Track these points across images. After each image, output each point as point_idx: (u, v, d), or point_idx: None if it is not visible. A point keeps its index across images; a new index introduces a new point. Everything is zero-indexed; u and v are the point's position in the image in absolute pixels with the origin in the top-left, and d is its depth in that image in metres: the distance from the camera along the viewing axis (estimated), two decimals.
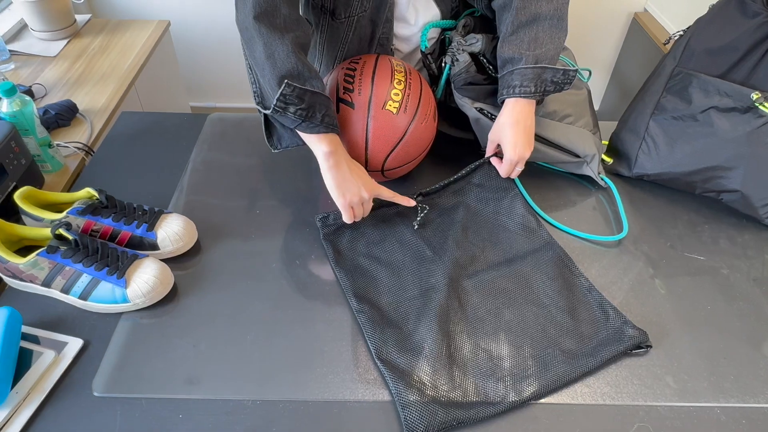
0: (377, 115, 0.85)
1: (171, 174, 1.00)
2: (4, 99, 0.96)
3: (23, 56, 1.57)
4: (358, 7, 0.91)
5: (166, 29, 1.83)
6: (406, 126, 0.87)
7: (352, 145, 0.87)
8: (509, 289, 0.80)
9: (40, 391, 0.67)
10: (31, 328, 0.74)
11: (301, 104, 0.77)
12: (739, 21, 0.86)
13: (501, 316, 0.76)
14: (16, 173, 0.94)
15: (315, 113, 0.79)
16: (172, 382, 0.69)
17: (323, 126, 0.80)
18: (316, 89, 0.78)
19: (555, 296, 0.79)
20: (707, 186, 0.94)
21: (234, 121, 1.14)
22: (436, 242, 0.86)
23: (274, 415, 0.66)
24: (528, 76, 0.84)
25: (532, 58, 0.84)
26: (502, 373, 0.70)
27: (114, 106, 1.39)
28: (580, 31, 2.24)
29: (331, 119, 0.81)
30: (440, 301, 0.76)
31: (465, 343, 0.73)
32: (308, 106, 0.78)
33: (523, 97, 0.85)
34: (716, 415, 0.68)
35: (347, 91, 0.87)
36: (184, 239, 0.84)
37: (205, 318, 0.77)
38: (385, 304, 0.78)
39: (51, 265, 0.75)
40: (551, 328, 0.75)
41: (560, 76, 0.85)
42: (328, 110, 0.80)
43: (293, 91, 0.76)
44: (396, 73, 0.88)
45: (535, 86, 0.85)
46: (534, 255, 0.84)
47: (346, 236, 0.88)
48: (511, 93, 0.86)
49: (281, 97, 0.77)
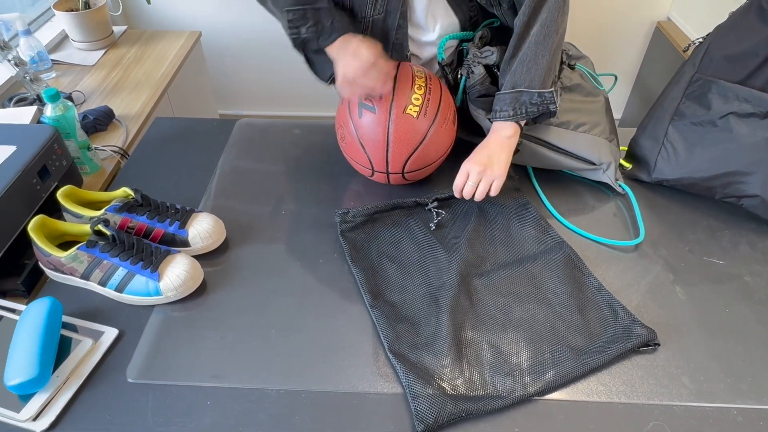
0: (398, 119, 0.88)
1: (201, 176, 1.05)
2: (48, 104, 1.02)
3: (64, 65, 1.66)
4: (372, 10, 0.95)
5: (197, 40, 1.90)
6: (426, 129, 0.90)
7: (373, 148, 0.91)
8: (519, 288, 0.82)
9: (79, 376, 0.71)
10: (71, 318, 0.78)
11: (307, 22, 0.87)
12: (758, 28, 0.86)
13: (510, 313, 0.78)
14: (58, 174, 0.99)
15: (323, 24, 0.87)
16: (201, 371, 0.72)
17: (335, 31, 0.88)
18: (319, 5, 0.87)
19: (564, 294, 0.80)
20: (727, 191, 0.94)
21: (261, 127, 1.19)
22: (448, 243, 0.88)
23: (297, 404, 0.69)
24: (505, 100, 0.91)
25: (509, 84, 0.91)
26: (510, 368, 0.71)
27: (148, 112, 1.45)
28: (603, 39, 2.24)
29: (340, 23, 0.88)
30: (451, 299, 0.78)
31: (474, 339, 0.75)
32: (315, 20, 0.87)
33: (503, 120, 0.91)
34: (733, 416, 0.68)
35: (369, 96, 0.90)
36: (213, 237, 0.88)
37: (233, 312, 0.80)
38: (398, 301, 0.80)
39: (90, 259, 0.80)
40: (560, 325, 0.76)
41: (536, 98, 0.89)
42: (335, 16, 0.88)
43: (295, 15, 0.87)
44: (417, 79, 0.92)
45: (513, 110, 0.90)
46: (544, 255, 0.86)
47: (363, 234, 0.90)
48: (494, 117, 0.92)
49: (290, 24, 0.87)
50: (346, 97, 0.93)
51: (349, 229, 0.91)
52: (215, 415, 0.68)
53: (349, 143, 0.95)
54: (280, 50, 2.29)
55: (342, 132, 0.96)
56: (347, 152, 0.98)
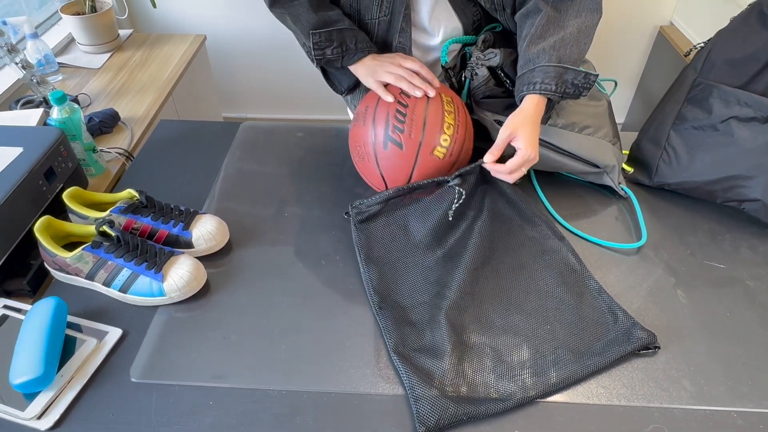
0: (424, 160, 0.88)
1: (205, 178, 1.06)
2: (54, 106, 1.03)
3: (71, 68, 1.67)
4: (377, 11, 0.95)
5: (202, 43, 1.92)
6: (449, 167, 0.91)
7: (393, 180, 0.92)
8: (519, 291, 0.82)
9: (83, 375, 0.72)
10: (75, 318, 0.79)
11: (332, 44, 0.91)
12: (759, 33, 0.87)
13: (511, 316, 0.79)
14: (64, 175, 1.00)
15: (348, 45, 0.92)
16: (204, 371, 0.73)
17: (359, 52, 0.92)
18: (341, 26, 0.91)
19: (564, 298, 0.80)
20: (728, 195, 0.94)
21: (265, 130, 1.19)
22: (457, 244, 0.88)
23: (298, 404, 0.70)
24: (550, 73, 0.83)
25: (555, 57, 0.84)
26: (511, 370, 0.72)
27: (153, 114, 1.47)
28: (606, 44, 2.25)
29: (364, 43, 0.92)
30: (454, 302, 0.78)
31: (475, 342, 0.75)
32: (340, 42, 0.91)
33: (543, 95, 0.84)
34: (733, 419, 0.68)
35: (397, 130, 0.88)
36: (216, 238, 0.88)
37: (235, 312, 0.81)
38: (403, 302, 0.81)
39: (95, 260, 0.81)
40: (560, 327, 0.77)
41: (581, 78, 0.84)
42: (358, 36, 0.92)
43: (320, 37, 0.90)
44: (446, 115, 0.89)
45: (556, 85, 0.83)
46: (545, 257, 0.86)
47: (376, 228, 0.90)
48: (531, 89, 0.84)
49: (315, 46, 0.91)
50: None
51: (362, 219, 0.90)
52: (217, 415, 0.68)
53: (367, 167, 0.94)
54: (283, 54, 2.31)
55: (360, 152, 0.94)
56: (363, 172, 0.97)
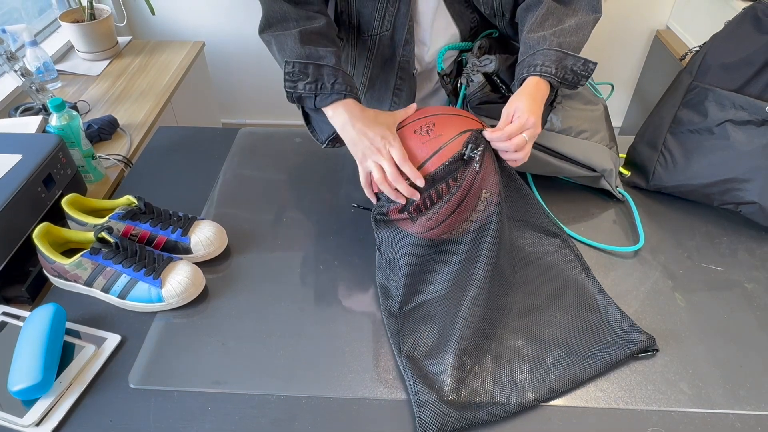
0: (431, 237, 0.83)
1: (203, 184, 1.06)
2: (53, 113, 1.04)
3: (70, 75, 1.68)
4: (379, 26, 0.95)
5: (201, 50, 1.93)
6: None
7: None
8: (519, 295, 0.82)
9: (81, 381, 0.72)
10: (74, 324, 0.79)
11: (306, 78, 0.81)
12: (754, 37, 0.88)
13: (511, 318, 0.79)
14: (63, 182, 1.00)
15: (324, 83, 0.81)
16: (202, 377, 0.73)
17: (335, 93, 0.81)
18: (323, 63, 0.80)
19: (564, 299, 0.81)
20: (725, 198, 0.95)
21: (263, 136, 1.20)
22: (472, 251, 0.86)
23: (297, 409, 0.70)
24: (550, 57, 0.82)
25: (555, 43, 0.83)
26: (511, 375, 0.72)
27: (151, 121, 1.47)
28: (603, 48, 2.26)
29: (342, 85, 0.81)
30: (468, 308, 0.78)
31: (477, 347, 0.75)
32: (315, 78, 0.81)
33: (543, 77, 0.82)
34: (731, 422, 0.68)
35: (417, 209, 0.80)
36: (215, 244, 0.89)
37: (233, 318, 0.81)
38: (413, 307, 0.80)
39: (93, 266, 0.81)
40: (559, 330, 0.77)
41: (581, 65, 0.83)
42: (338, 78, 0.81)
43: (294, 67, 0.81)
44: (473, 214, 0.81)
45: (556, 68, 0.82)
46: (545, 258, 0.86)
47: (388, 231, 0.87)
48: (531, 71, 0.83)
49: (286, 77, 0.81)
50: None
51: (378, 214, 0.85)
52: (216, 421, 0.68)
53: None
54: None
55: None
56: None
